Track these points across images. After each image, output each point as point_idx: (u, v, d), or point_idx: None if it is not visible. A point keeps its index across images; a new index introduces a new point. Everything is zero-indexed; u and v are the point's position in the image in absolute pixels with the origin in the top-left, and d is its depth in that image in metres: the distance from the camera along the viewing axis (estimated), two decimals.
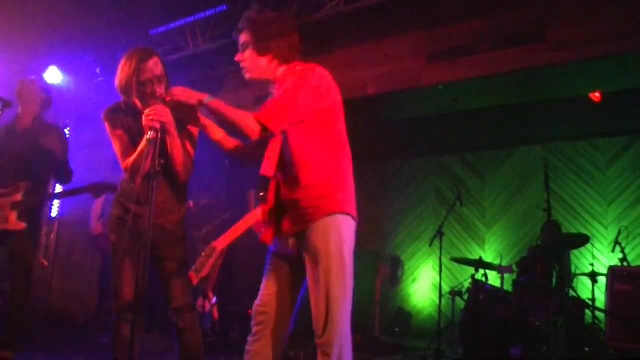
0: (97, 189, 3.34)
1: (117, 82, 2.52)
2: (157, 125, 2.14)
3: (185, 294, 2.54)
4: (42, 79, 3.75)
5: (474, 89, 5.01)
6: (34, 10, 5.14)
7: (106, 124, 2.60)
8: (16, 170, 3.46)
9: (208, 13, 5.51)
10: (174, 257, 2.26)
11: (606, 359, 4.32)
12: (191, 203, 4.40)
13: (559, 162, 6.66)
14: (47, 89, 3.79)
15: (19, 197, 3.42)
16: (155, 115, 2.15)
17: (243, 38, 2.21)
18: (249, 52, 2.19)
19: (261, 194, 2.17)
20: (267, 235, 2.19)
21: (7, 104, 3.32)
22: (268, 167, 2.11)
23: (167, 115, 2.22)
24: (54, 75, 6.53)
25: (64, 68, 6.66)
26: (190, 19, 5.65)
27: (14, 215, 3.40)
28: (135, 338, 2.07)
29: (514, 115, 6.04)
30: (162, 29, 5.80)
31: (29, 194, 3.44)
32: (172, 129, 2.34)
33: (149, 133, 2.14)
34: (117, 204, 2.63)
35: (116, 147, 2.59)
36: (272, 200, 2.17)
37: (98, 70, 6.50)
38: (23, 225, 3.40)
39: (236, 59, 2.23)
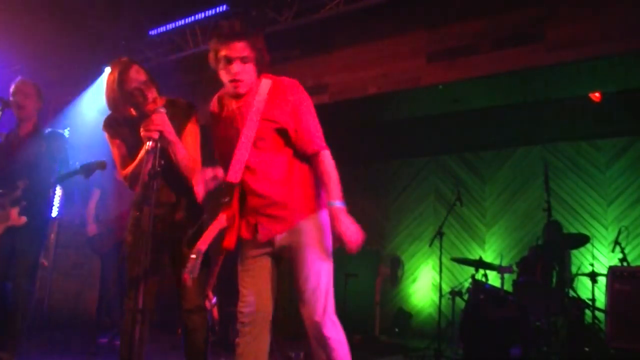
0: (87, 169, 3.40)
1: (105, 101, 2.51)
2: (156, 136, 2.15)
3: (198, 295, 2.54)
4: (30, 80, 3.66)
5: (474, 89, 5.01)
6: (33, 10, 5.14)
7: (105, 134, 2.63)
8: (16, 172, 3.50)
9: (208, 13, 5.49)
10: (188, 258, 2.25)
11: (606, 359, 4.32)
12: None
13: (559, 162, 6.66)
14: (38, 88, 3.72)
15: (18, 193, 3.45)
16: (152, 125, 2.15)
17: (242, 50, 2.10)
18: (249, 67, 2.13)
19: (226, 199, 2.16)
20: (230, 240, 2.18)
21: (7, 104, 3.34)
22: (235, 173, 2.16)
23: (164, 124, 2.22)
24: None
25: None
26: (190, 19, 5.63)
27: (15, 212, 3.44)
28: (142, 337, 2.07)
29: (514, 115, 6.04)
30: (161, 29, 5.79)
31: (28, 190, 3.46)
32: (171, 136, 2.31)
33: (148, 144, 2.14)
34: (134, 206, 2.63)
35: (114, 155, 2.61)
36: (237, 205, 2.20)
37: None
38: (23, 219, 3.43)
39: (235, 71, 2.11)
